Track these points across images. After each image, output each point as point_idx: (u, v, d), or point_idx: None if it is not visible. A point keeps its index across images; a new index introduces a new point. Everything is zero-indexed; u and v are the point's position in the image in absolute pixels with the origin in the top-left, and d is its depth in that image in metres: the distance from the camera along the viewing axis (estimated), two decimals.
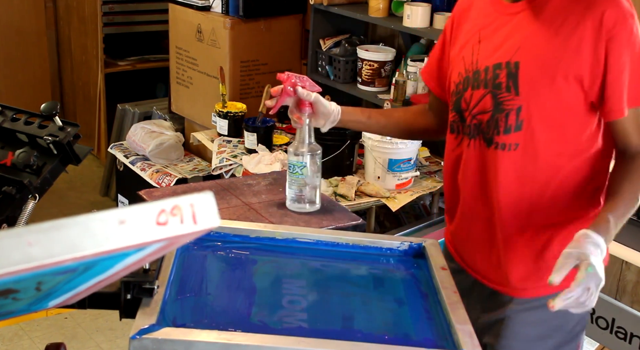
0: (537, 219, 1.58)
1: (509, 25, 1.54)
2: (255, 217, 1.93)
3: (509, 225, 1.59)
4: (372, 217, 2.96)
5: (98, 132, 4.81)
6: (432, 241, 1.51)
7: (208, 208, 0.72)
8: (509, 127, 1.53)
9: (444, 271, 1.38)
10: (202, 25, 3.72)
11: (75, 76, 5.04)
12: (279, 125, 3.58)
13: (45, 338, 3.14)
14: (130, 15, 4.79)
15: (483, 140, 1.57)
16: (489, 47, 1.57)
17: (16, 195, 1.45)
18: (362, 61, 3.46)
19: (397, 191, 2.95)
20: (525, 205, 1.57)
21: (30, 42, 5.01)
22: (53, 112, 1.51)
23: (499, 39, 1.56)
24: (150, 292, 1.15)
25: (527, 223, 1.59)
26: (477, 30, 1.60)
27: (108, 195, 4.54)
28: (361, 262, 1.45)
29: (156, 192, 2.08)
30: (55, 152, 1.50)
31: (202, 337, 1.08)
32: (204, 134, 3.63)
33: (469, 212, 1.67)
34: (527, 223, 1.59)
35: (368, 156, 2.96)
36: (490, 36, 1.58)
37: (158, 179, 3.74)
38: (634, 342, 2.38)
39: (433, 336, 1.20)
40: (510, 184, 1.56)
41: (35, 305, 0.90)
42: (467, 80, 1.59)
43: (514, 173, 1.55)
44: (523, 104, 1.51)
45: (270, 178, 2.23)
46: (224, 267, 1.41)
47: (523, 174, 1.55)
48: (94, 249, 0.67)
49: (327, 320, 1.23)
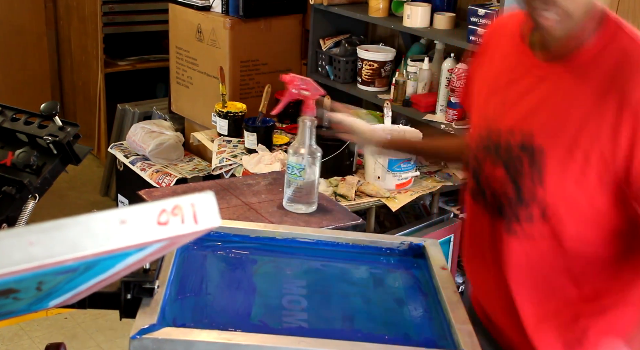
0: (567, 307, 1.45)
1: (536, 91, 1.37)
2: (255, 217, 1.93)
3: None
4: (372, 217, 2.96)
5: (98, 132, 4.81)
6: (432, 241, 1.51)
7: (209, 208, 0.72)
8: (526, 217, 1.39)
9: (444, 271, 1.38)
10: (202, 25, 3.71)
11: (75, 76, 5.04)
12: (279, 125, 3.58)
13: (45, 338, 3.14)
14: (130, 15, 4.78)
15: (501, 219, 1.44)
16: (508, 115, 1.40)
17: (16, 195, 1.45)
18: (362, 61, 3.46)
19: (397, 191, 2.95)
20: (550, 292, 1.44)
21: (30, 42, 5.00)
22: (53, 112, 1.51)
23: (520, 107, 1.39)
24: (151, 292, 1.15)
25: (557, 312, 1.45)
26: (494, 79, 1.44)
27: (108, 195, 4.54)
28: (361, 262, 1.45)
29: (156, 192, 2.08)
30: (55, 152, 1.50)
31: (202, 337, 1.08)
32: (204, 134, 3.63)
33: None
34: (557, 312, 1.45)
35: (368, 156, 2.96)
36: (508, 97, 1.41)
37: (158, 179, 3.74)
38: None
39: (433, 336, 1.20)
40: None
41: (36, 305, 0.90)
42: (487, 149, 1.44)
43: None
44: (548, 199, 1.36)
45: (270, 178, 2.23)
46: (224, 267, 1.41)
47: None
48: (94, 249, 0.67)
49: (327, 320, 1.23)
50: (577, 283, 1.41)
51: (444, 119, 3.12)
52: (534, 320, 1.46)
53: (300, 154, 1.94)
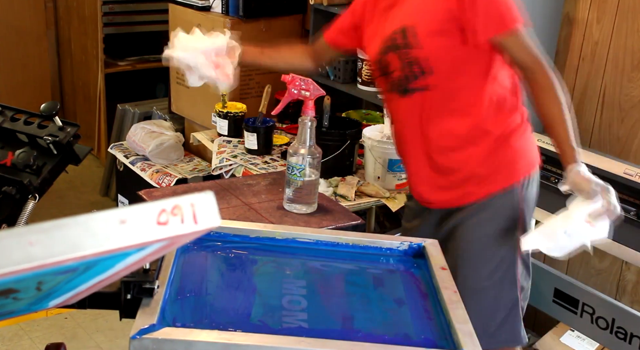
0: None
1: (402, 1, 1.91)
2: (255, 217, 1.93)
3: (436, 150, 1.94)
4: (372, 217, 2.96)
5: (98, 132, 4.81)
6: (432, 241, 1.51)
7: (208, 208, 0.72)
8: (417, 74, 1.87)
9: (444, 271, 1.38)
10: (202, 25, 3.71)
11: (75, 76, 5.04)
12: (279, 125, 3.57)
13: (45, 338, 3.14)
14: (130, 15, 4.78)
15: (402, 92, 1.91)
16: (392, 18, 1.91)
17: (16, 195, 1.45)
18: (362, 61, 3.46)
19: (397, 191, 2.95)
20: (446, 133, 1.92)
21: (30, 42, 5.00)
22: (53, 112, 1.51)
23: (399, 13, 1.90)
24: (150, 292, 1.15)
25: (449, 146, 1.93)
26: (384, 6, 1.97)
27: (108, 195, 4.54)
28: (361, 262, 1.45)
29: (156, 192, 2.08)
30: (55, 152, 1.50)
31: (202, 337, 1.08)
32: (204, 134, 3.63)
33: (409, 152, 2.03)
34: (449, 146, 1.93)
35: (368, 156, 2.96)
36: (392, 9, 1.93)
37: (158, 179, 3.74)
38: (634, 342, 2.38)
39: (433, 336, 1.20)
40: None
41: (36, 305, 0.90)
42: (384, 50, 1.91)
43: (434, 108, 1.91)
44: (419, 55, 1.85)
45: (270, 178, 2.23)
46: (224, 267, 1.41)
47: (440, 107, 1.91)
48: (94, 249, 0.67)
49: (327, 320, 1.23)
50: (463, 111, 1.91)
51: None
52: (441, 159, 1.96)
53: (300, 154, 1.94)
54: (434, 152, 1.94)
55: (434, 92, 1.88)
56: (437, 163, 1.95)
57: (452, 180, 1.95)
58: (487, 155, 1.92)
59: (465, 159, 1.93)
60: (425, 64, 1.85)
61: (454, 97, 1.90)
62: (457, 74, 1.88)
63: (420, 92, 1.89)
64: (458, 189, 1.95)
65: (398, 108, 1.98)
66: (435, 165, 1.95)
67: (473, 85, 1.89)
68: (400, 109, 1.97)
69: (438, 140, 1.93)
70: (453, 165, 1.94)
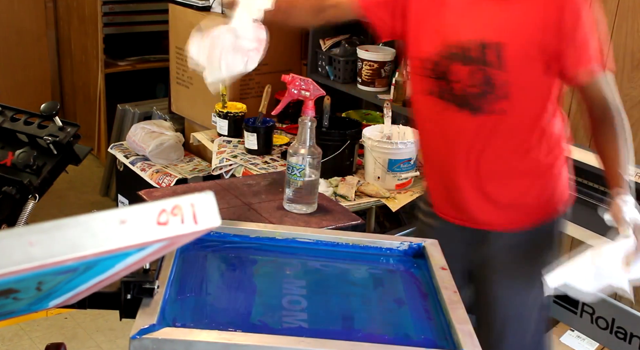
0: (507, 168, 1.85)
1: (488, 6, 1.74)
2: (255, 217, 1.93)
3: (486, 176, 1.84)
4: (372, 217, 2.96)
5: (98, 132, 4.81)
6: (432, 241, 1.51)
7: (208, 208, 0.72)
8: (497, 97, 1.74)
9: (444, 271, 1.38)
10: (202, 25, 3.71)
11: (75, 76, 5.04)
12: (279, 126, 3.58)
13: (45, 338, 3.14)
14: (130, 15, 4.78)
15: (469, 109, 1.77)
16: (472, 25, 1.74)
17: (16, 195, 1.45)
18: (362, 61, 3.46)
19: (397, 191, 2.95)
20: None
21: (30, 42, 5.00)
22: (53, 112, 1.51)
23: (479, 19, 1.74)
24: (151, 292, 1.15)
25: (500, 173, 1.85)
26: (456, 6, 1.77)
27: (108, 196, 4.54)
28: (361, 262, 1.45)
29: (156, 192, 2.08)
30: (55, 152, 1.50)
31: (202, 337, 1.08)
32: (204, 134, 3.63)
33: (442, 167, 1.91)
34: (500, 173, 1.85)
35: (368, 156, 2.96)
36: (469, 14, 1.75)
37: (158, 179, 3.74)
38: (634, 342, 2.38)
39: (433, 336, 1.20)
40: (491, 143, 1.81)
41: (36, 305, 0.90)
42: (454, 56, 1.75)
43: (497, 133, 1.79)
44: (509, 78, 1.72)
45: (270, 178, 2.23)
46: (224, 267, 1.41)
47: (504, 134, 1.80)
48: (94, 249, 0.67)
49: (327, 320, 1.23)
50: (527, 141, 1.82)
51: None
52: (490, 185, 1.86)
53: (300, 154, 1.94)
54: (483, 177, 1.84)
55: (502, 116, 1.76)
56: (484, 188, 1.86)
57: (498, 205, 1.88)
58: (537, 184, 1.86)
59: (517, 187, 1.86)
60: (504, 87, 1.73)
61: (519, 125, 1.79)
62: (529, 102, 1.77)
63: (490, 115, 1.77)
64: (504, 214, 1.88)
65: (450, 122, 1.82)
66: (481, 189, 1.86)
67: (539, 114, 1.80)
68: (453, 124, 1.81)
69: (490, 165, 1.83)
70: (502, 191, 1.86)
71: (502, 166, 1.83)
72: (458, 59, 1.74)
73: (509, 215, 1.88)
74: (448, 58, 1.76)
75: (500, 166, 1.83)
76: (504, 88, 1.73)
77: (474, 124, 1.78)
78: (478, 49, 1.72)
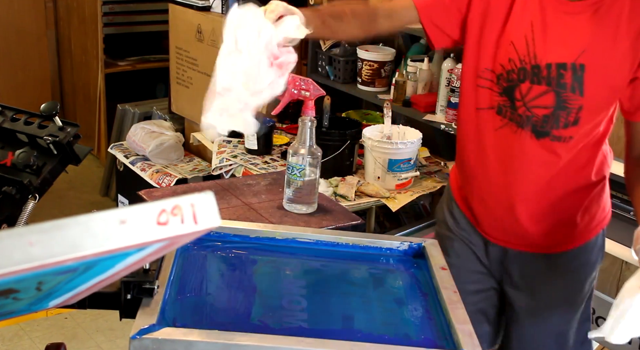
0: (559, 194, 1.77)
1: (568, 25, 1.60)
2: (255, 217, 1.93)
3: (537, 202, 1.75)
4: (372, 217, 2.96)
5: (98, 132, 4.81)
6: (432, 241, 1.51)
7: (208, 208, 0.72)
8: (567, 123, 1.64)
9: (444, 271, 1.38)
10: (202, 25, 3.71)
11: (75, 76, 5.04)
12: (279, 125, 3.57)
13: (45, 338, 3.14)
14: (130, 15, 4.78)
15: (532, 131, 1.67)
16: (547, 43, 1.61)
17: (16, 195, 1.45)
18: (362, 61, 3.46)
19: (397, 191, 2.95)
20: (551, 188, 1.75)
21: (30, 42, 5.00)
22: (53, 112, 1.51)
23: (557, 37, 1.61)
24: (150, 292, 1.15)
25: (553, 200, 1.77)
26: (528, 21, 1.63)
27: (108, 196, 4.54)
28: (361, 262, 1.45)
29: (156, 192, 2.08)
30: (55, 152, 1.50)
31: (202, 337, 1.08)
32: (204, 134, 3.63)
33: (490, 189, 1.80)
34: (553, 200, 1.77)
35: (368, 156, 2.96)
36: (545, 32, 1.62)
37: (158, 179, 3.74)
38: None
39: (433, 336, 1.20)
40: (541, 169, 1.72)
41: (36, 305, 0.90)
42: (524, 72, 1.64)
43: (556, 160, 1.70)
44: (584, 104, 1.61)
45: (270, 178, 2.23)
46: (224, 267, 1.41)
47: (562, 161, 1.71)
48: (94, 249, 0.67)
49: (327, 320, 1.23)
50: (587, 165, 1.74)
51: (443, 119, 3.13)
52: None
53: (300, 154, 1.94)
54: (544, 206, 1.78)
55: (568, 144, 1.67)
56: (543, 213, 1.79)
57: (556, 227, 1.81)
58: (587, 202, 1.80)
59: (570, 209, 1.80)
60: (576, 113, 1.63)
61: (581, 153, 1.71)
62: (594, 129, 1.68)
63: (556, 142, 1.67)
64: (551, 236, 1.82)
65: (511, 143, 1.70)
66: (540, 213, 1.79)
67: (600, 140, 1.73)
68: (514, 146, 1.70)
69: (553, 192, 1.76)
70: (559, 213, 1.79)
71: (560, 191, 1.75)
72: (531, 77, 1.63)
73: (564, 235, 1.83)
74: (520, 75, 1.64)
75: (559, 191, 1.75)
76: (577, 113, 1.62)
77: (537, 149, 1.68)
78: (554, 69, 1.60)
